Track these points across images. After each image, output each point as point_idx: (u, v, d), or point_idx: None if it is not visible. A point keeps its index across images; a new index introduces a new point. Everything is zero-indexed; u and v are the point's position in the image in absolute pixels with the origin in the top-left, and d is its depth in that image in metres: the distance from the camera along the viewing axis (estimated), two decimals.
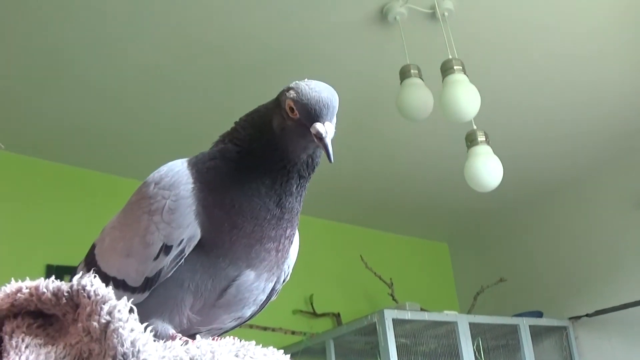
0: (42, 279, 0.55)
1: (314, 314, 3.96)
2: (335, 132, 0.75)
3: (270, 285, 0.81)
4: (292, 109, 0.74)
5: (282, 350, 0.65)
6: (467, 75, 2.27)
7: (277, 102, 0.77)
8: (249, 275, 0.76)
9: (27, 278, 0.57)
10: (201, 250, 0.73)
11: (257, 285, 0.77)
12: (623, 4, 2.63)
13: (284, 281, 0.87)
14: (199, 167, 0.75)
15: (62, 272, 2.98)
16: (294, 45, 2.66)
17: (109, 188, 3.42)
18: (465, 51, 2.50)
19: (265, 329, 3.55)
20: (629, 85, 3.19)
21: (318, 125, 0.71)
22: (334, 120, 0.76)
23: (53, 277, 0.55)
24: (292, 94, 0.74)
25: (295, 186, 0.76)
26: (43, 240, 3.12)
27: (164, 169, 0.77)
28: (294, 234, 0.80)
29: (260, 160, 0.75)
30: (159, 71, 2.73)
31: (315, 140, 0.72)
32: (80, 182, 3.36)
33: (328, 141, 0.71)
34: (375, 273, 3.93)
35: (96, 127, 3.05)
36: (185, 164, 0.76)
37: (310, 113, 0.73)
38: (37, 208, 3.17)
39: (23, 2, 2.27)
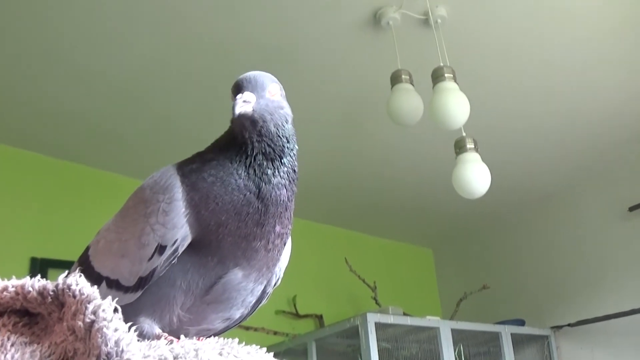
0: (28, 277, 0.55)
1: (297, 315, 3.96)
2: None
3: (260, 287, 0.82)
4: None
5: (264, 349, 0.65)
6: (458, 82, 2.28)
7: None
8: (237, 274, 0.77)
9: (13, 277, 0.57)
10: (192, 250, 0.75)
11: (244, 285, 0.78)
12: (617, 12, 2.65)
13: (275, 284, 0.88)
14: (184, 170, 0.78)
15: (47, 265, 2.97)
16: (288, 47, 2.67)
17: (95, 182, 3.41)
18: (457, 58, 2.51)
19: (247, 328, 3.54)
20: (619, 94, 3.22)
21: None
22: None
23: (39, 276, 0.55)
24: None
25: (271, 172, 0.77)
26: (28, 233, 3.10)
27: (157, 174, 0.79)
28: (285, 233, 0.80)
29: (226, 152, 0.78)
30: (154, 69, 2.72)
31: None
32: (66, 175, 3.34)
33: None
34: (359, 276, 3.94)
35: (84, 120, 3.03)
36: (175, 169, 0.79)
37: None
38: (22, 200, 3.15)
39: None
